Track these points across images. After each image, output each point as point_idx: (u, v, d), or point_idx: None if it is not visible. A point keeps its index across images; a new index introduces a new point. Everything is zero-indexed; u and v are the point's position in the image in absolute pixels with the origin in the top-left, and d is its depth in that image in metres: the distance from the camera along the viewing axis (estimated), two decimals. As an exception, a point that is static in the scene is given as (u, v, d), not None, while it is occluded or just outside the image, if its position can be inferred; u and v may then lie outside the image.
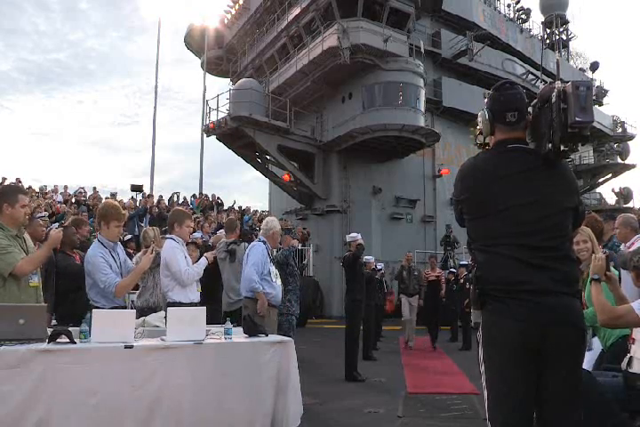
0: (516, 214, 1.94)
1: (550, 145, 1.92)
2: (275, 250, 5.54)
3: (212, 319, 5.00)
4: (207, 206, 16.28)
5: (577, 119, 1.82)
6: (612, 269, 2.74)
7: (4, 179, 14.08)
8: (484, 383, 1.96)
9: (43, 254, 3.35)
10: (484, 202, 2.01)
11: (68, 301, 4.49)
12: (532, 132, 2.05)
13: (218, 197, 17.50)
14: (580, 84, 1.85)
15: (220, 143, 18.12)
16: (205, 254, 4.41)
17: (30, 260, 3.24)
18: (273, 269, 4.83)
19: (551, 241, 1.92)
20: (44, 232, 4.46)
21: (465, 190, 2.08)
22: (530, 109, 2.06)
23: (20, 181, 14.31)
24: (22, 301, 3.13)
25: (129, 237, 8.50)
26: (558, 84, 1.90)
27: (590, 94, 1.87)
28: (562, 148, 1.89)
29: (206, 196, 17.71)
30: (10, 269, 3.09)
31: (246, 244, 5.61)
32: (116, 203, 4.23)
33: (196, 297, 4.19)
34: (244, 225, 13.44)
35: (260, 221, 12.27)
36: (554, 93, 1.89)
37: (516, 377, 1.85)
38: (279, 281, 4.88)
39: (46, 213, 9.59)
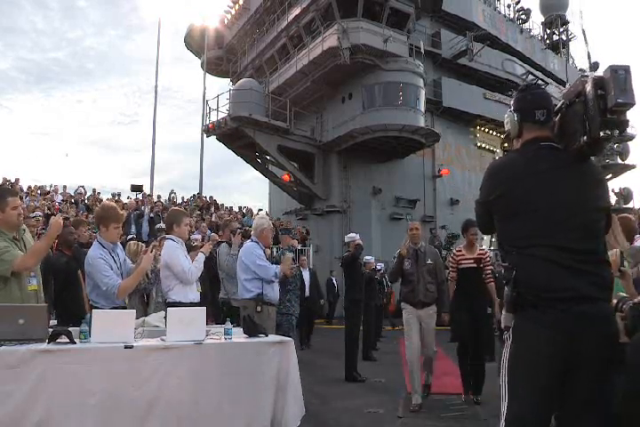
0: (550, 214, 1.88)
1: (585, 138, 1.83)
2: (274, 249, 5.55)
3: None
4: (204, 207, 16.32)
5: (619, 101, 1.75)
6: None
7: (6, 179, 14.06)
8: (504, 386, 1.90)
9: (44, 245, 3.27)
10: (515, 201, 1.94)
11: (64, 298, 4.52)
12: (561, 132, 2.00)
13: (210, 197, 17.60)
14: (617, 67, 1.80)
15: (220, 143, 18.15)
16: (201, 249, 4.41)
17: (31, 253, 3.19)
18: None
19: (587, 243, 1.86)
20: (37, 232, 4.46)
21: (494, 190, 2.01)
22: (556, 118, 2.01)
23: (18, 182, 14.32)
24: (23, 302, 3.12)
25: (130, 236, 8.52)
26: (592, 74, 1.87)
27: (630, 77, 1.79)
28: (601, 134, 1.80)
29: (200, 196, 17.83)
30: (10, 267, 3.06)
31: (225, 245, 5.67)
32: (114, 204, 4.22)
33: (196, 297, 4.18)
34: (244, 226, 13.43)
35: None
36: (588, 83, 1.83)
37: (541, 384, 1.80)
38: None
39: (39, 214, 9.61)
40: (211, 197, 17.74)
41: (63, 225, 3.46)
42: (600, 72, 1.87)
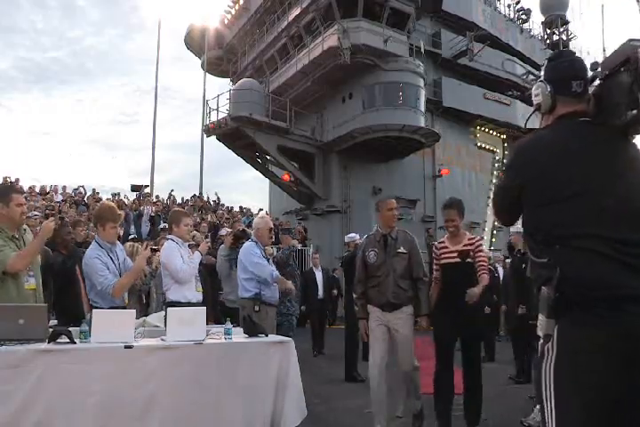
0: (599, 199, 1.61)
1: (635, 111, 1.54)
2: (274, 249, 5.56)
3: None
4: (203, 206, 16.31)
5: None
6: None
7: (6, 179, 14.05)
8: (550, 409, 1.58)
9: (35, 247, 3.26)
10: (553, 184, 1.66)
11: (62, 298, 4.53)
12: (597, 107, 1.71)
13: (208, 197, 17.61)
14: None
15: (220, 143, 18.16)
16: (199, 248, 4.41)
17: (22, 254, 3.17)
18: None
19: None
20: (37, 232, 4.47)
21: (526, 171, 1.73)
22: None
23: (18, 182, 14.30)
24: (20, 302, 3.12)
25: (132, 236, 8.54)
26: None
27: None
28: None
29: (201, 196, 17.84)
30: (1, 267, 3.05)
31: (222, 246, 5.72)
32: (112, 204, 4.23)
33: (195, 297, 4.16)
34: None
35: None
36: None
37: (605, 404, 1.50)
38: None
39: (38, 214, 9.61)
40: (214, 201, 17.76)
41: (62, 225, 3.47)
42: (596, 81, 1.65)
